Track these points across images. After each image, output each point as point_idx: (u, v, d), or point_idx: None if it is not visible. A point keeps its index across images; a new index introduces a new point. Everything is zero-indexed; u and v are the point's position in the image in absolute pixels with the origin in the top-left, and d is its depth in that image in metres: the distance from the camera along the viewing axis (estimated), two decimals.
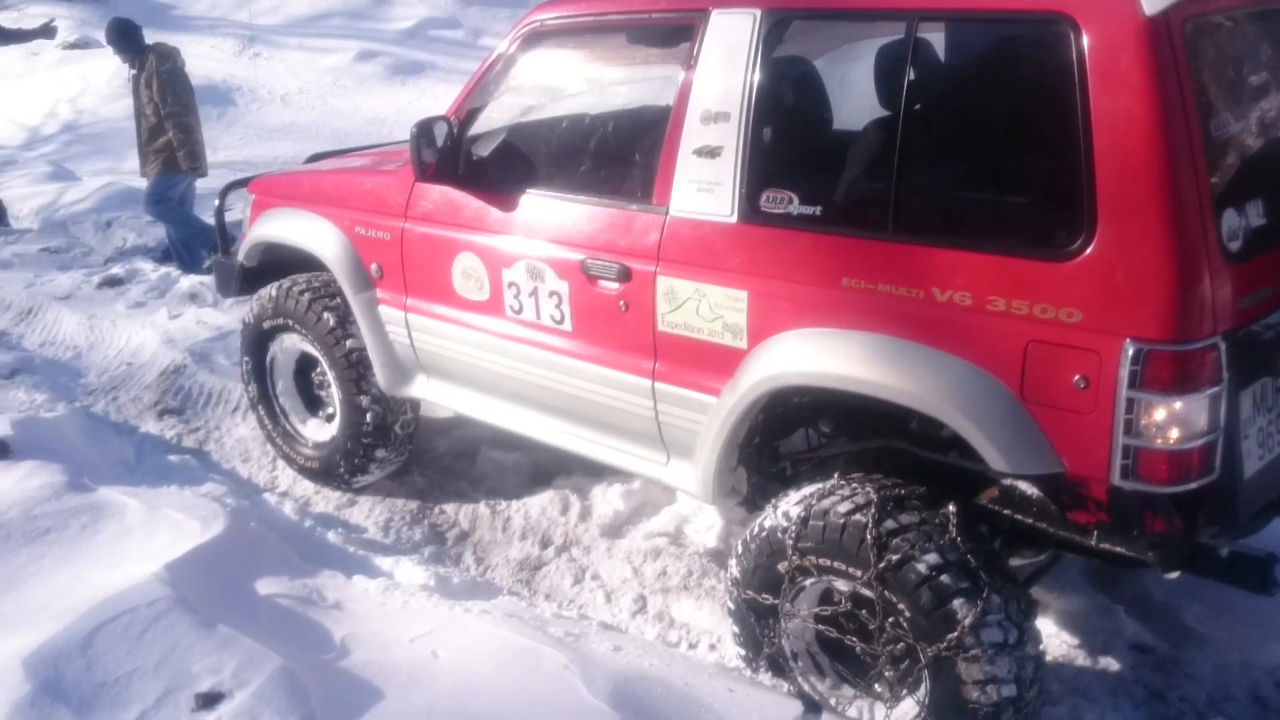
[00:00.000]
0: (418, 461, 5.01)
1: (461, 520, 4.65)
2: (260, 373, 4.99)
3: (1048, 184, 2.69)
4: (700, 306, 3.20)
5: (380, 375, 4.39)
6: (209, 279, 7.87)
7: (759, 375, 3.07)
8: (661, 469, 3.55)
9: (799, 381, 3.01)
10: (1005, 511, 2.83)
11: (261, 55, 16.98)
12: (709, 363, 3.23)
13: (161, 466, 5.17)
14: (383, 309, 4.29)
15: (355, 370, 4.47)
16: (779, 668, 3.23)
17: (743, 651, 3.31)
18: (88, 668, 3.01)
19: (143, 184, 8.83)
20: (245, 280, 5.05)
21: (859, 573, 2.84)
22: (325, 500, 4.86)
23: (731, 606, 3.29)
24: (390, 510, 4.74)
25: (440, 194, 3.96)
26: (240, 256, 4.99)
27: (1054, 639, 3.60)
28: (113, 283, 8.07)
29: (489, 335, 3.90)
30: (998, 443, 2.66)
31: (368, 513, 4.73)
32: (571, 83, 4.45)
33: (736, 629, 3.30)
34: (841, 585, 2.95)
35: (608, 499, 4.55)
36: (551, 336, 3.69)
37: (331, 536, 4.34)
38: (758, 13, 3.11)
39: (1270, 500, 2.86)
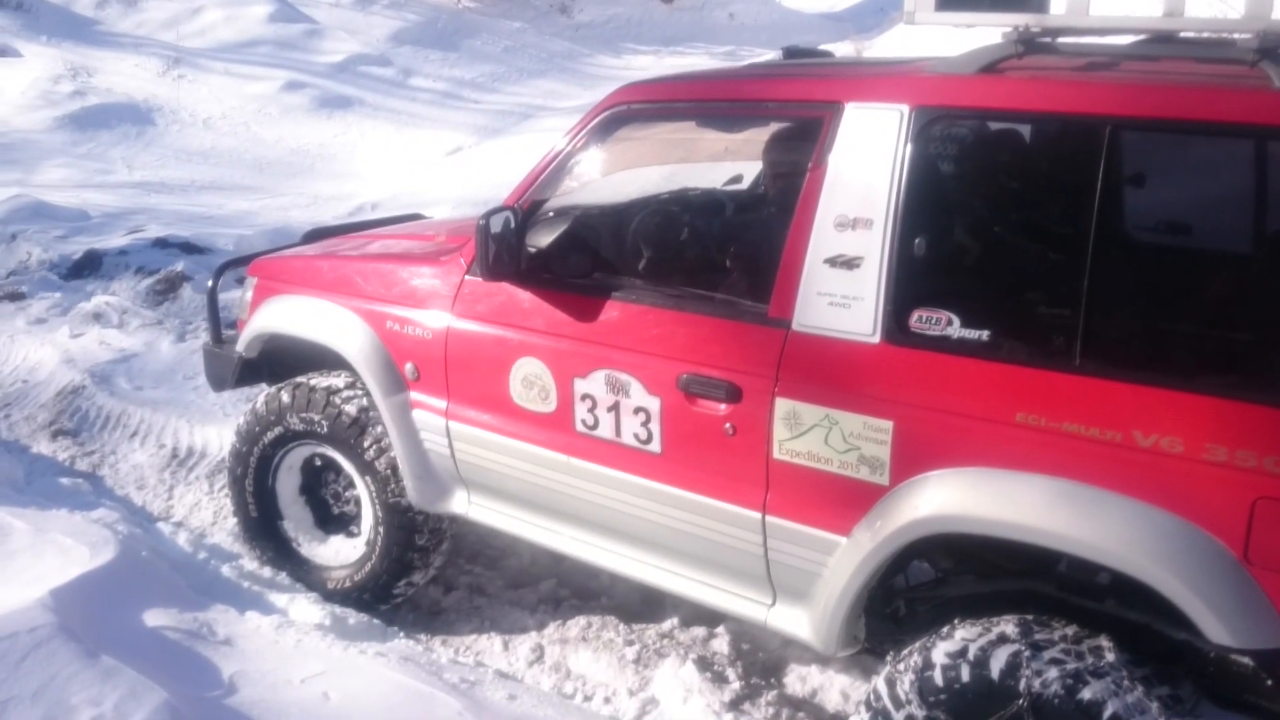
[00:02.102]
0: None
1: None
2: (262, 493, 4.29)
3: None
4: (830, 435, 2.83)
5: (411, 488, 3.87)
6: (113, 299, 7.71)
7: (909, 517, 2.69)
8: (765, 611, 3.15)
9: (962, 528, 2.64)
10: (1221, 687, 2.55)
11: (186, 77, 16.74)
12: (838, 498, 2.85)
13: (52, 489, 5.02)
14: (418, 414, 3.80)
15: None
16: None
17: None
18: None
19: (53, 197, 8.62)
20: (243, 374, 4.49)
21: None
22: (221, 532, 4.76)
23: None
24: None
25: (499, 290, 3.52)
26: (240, 348, 4.36)
27: None
28: (14, 297, 7.85)
29: (553, 452, 3.46)
30: (1219, 611, 2.30)
31: None
32: (663, 174, 4.10)
33: None
34: None
35: (514, 548, 4.53)
36: (635, 458, 3.27)
37: (226, 570, 4.25)
38: (905, 109, 2.77)
39: None
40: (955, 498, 2.62)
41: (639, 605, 4.18)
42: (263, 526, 4.33)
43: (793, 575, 3.02)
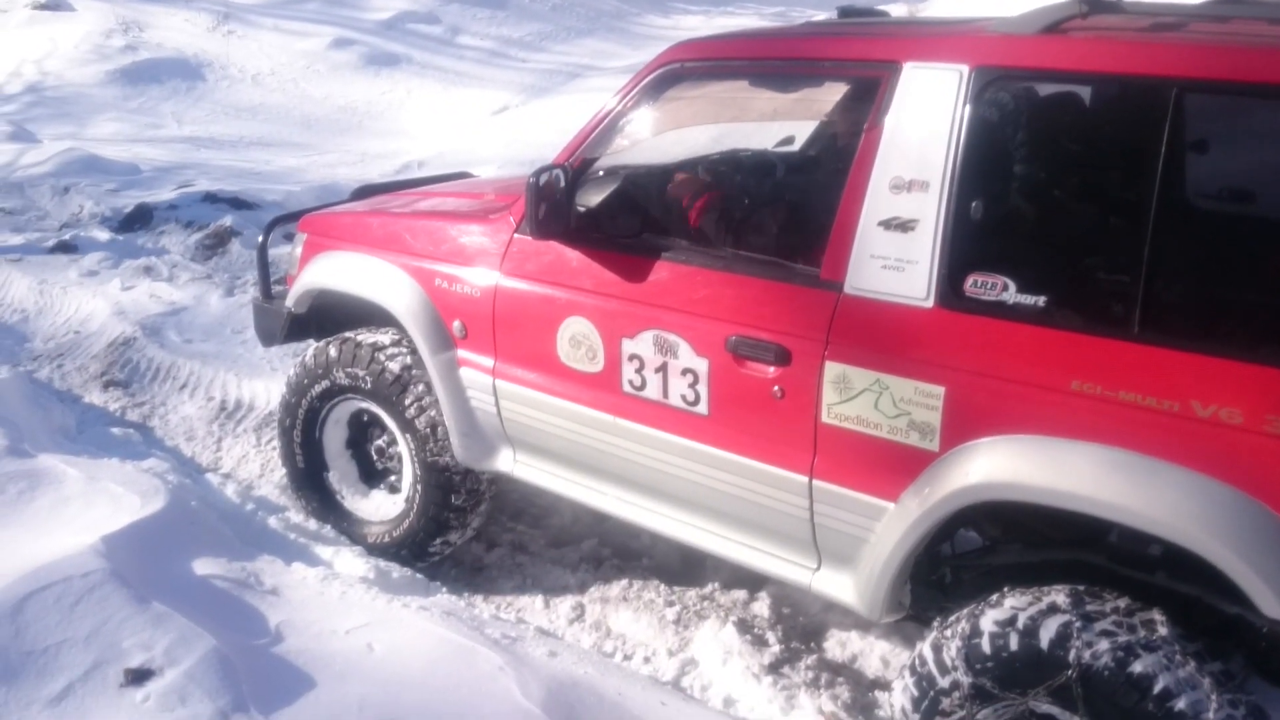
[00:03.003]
0: None
1: None
2: (310, 444, 4.36)
3: None
4: (880, 400, 2.79)
5: (457, 445, 3.89)
6: (161, 255, 7.80)
7: (959, 484, 2.66)
8: (809, 575, 3.14)
9: (1012, 496, 2.61)
10: (1273, 662, 2.55)
11: (235, 33, 16.84)
12: (886, 463, 2.83)
13: (103, 438, 5.10)
14: (465, 372, 3.81)
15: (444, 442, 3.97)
16: None
17: None
18: (16, 635, 2.96)
19: (105, 151, 8.72)
20: (292, 330, 4.53)
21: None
22: (268, 484, 4.82)
23: None
24: None
25: (547, 249, 3.50)
26: (289, 303, 4.41)
27: None
28: (66, 249, 7.97)
29: (600, 412, 3.45)
30: (1275, 585, 2.27)
31: None
32: (716, 134, 4.07)
33: None
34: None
35: (557, 507, 4.55)
36: (681, 419, 3.25)
37: (273, 522, 4.30)
38: (965, 69, 2.70)
39: None
40: (1007, 465, 2.59)
41: (680, 566, 4.19)
42: (309, 477, 4.39)
43: (839, 540, 3.01)
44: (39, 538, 3.49)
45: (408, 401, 3.97)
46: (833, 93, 3.50)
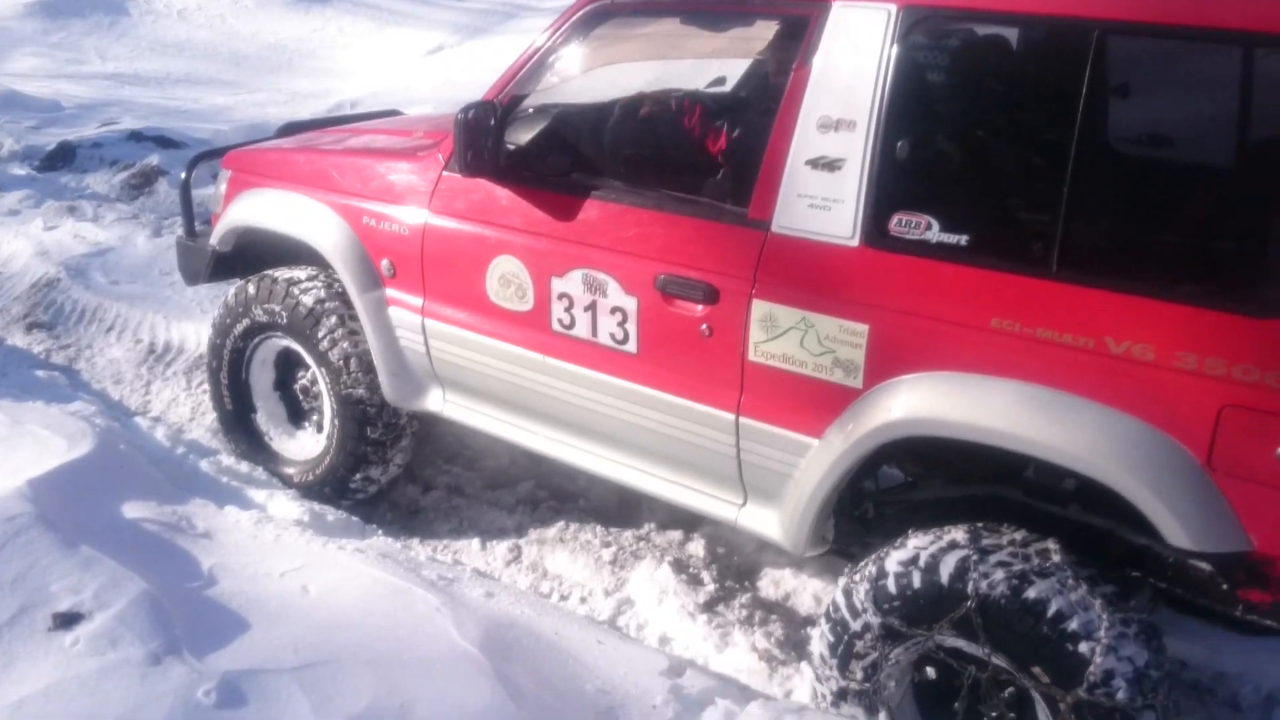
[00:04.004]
0: None
1: None
2: (237, 385, 4.34)
3: (1262, 227, 2.39)
4: (806, 338, 2.83)
5: (386, 385, 3.87)
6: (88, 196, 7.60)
7: (881, 420, 2.71)
8: (736, 511, 3.19)
9: (932, 431, 2.66)
10: (1177, 590, 2.60)
11: None
12: (811, 400, 2.86)
13: (27, 381, 4.99)
14: (394, 311, 3.78)
15: (365, 385, 3.96)
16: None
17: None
18: None
19: (25, 87, 8.45)
20: (217, 268, 4.46)
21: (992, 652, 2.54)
22: (199, 428, 4.76)
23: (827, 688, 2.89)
24: None
25: (476, 187, 3.47)
26: (214, 241, 4.34)
27: None
28: None
29: (529, 351, 3.45)
30: (1180, 516, 2.35)
31: None
32: (645, 72, 4.04)
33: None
34: (956, 645, 2.62)
35: (492, 449, 4.55)
36: (610, 358, 3.27)
37: (205, 465, 4.25)
38: (893, 9, 2.71)
39: None
40: (927, 401, 2.64)
41: (616, 508, 4.22)
42: (237, 419, 4.36)
43: (764, 476, 3.05)
44: None
45: (321, 334, 3.94)
46: (763, 31, 3.48)
